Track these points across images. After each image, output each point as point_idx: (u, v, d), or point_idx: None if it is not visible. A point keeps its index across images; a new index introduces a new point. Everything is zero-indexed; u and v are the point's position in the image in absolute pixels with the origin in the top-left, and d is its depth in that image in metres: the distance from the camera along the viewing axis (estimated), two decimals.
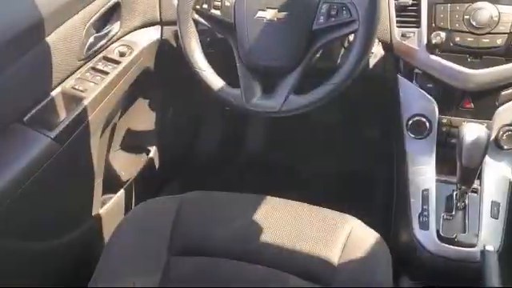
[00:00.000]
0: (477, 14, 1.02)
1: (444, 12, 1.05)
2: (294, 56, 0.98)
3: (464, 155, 0.93)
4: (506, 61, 1.03)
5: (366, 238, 0.96)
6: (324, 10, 0.95)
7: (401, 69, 1.15)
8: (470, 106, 1.09)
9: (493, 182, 1.06)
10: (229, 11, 1.00)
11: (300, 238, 0.96)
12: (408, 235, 1.04)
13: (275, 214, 1.01)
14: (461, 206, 1.02)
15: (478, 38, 1.03)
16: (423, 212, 1.03)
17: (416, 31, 1.09)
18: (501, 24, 1.01)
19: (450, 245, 1.00)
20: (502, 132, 1.07)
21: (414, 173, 1.11)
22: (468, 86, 1.06)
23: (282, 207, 1.02)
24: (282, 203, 1.04)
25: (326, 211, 1.02)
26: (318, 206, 1.03)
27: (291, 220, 0.99)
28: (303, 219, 0.99)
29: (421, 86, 1.12)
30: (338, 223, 0.98)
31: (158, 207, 1.07)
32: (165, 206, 1.05)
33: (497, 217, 1.01)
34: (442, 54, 1.06)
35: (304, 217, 1.00)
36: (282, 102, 0.98)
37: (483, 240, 0.98)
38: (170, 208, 1.03)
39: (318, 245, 0.94)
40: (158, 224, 1.01)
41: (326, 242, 0.95)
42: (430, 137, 1.12)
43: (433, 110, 1.11)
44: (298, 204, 1.03)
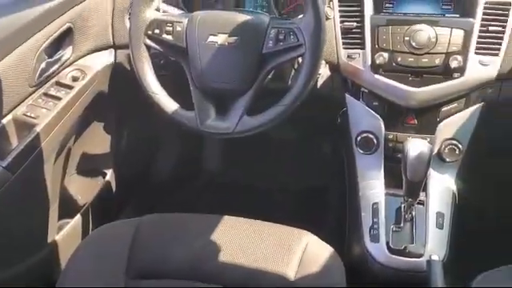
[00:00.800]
0: (416, 35, 1.08)
1: (386, 34, 1.11)
2: (245, 79, 1.01)
3: (409, 169, 0.99)
4: (444, 79, 1.09)
5: (320, 253, 1.00)
6: (272, 34, 0.98)
7: (348, 88, 1.21)
8: (413, 122, 1.15)
9: (437, 194, 1.12)
10: (180, 36, 1.02)
11: (257, 255, 0.98)
12: (360, 248, 1.08)
13: (232, 233, 1.02)
14: (408, 217, 1.07)
15: (417, 58, 1.09)
16: (373, 225, 1.08)
17: (361, 52, 1.14)
18: (438, 45, 1.08)
19: (399, 256, 1.04)
20: (444, 146, 1.14)
21: (364, 187, 1.16)
22: (410, 103, 1.12)
23: (239, 226, 1.04)
24: (239, 222, 1.06)
25: (282, 228, 1.05)
26: (274, 223, 1.06)
27: (248, 238, 1.01)
28: (260, 237, 1.02)
29: (367, 104, 1.18)
30: (294, 239, 1.01)
31: (115, 231, 1.07)
32: (122, 230, 1.05)
33: (442, 227, 1.07)
34: (385, 74, 1.12)
35: (261, 235, 1.02)
36: (236, 124, 1.00)
37: (430, 250, 1.03)
38: (127, 232, 1.03)
39: (274, 262, 0.97)
40: (115, 248, 1.01)
41: (282, 258, 0.97)
42: (378, 152, 1.17)
43: (379, 126, 1.16)
44: (255, 222, 1.06)
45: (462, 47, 1.07)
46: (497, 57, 1.08)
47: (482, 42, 1.08)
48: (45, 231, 1.22)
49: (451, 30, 1.08)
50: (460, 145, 1.13)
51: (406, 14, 1.14)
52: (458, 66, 1.07)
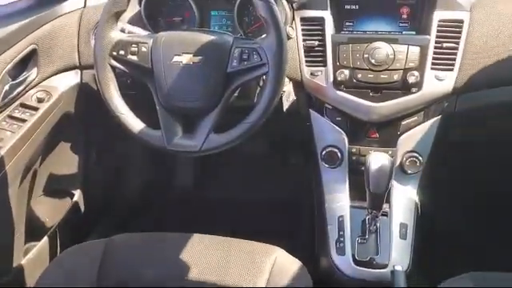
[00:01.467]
0: (375, 52, 1.12)
1: (346, 52, 1.15)
2: (211, 97, 1.02)
3: (371, 182, 1.02)
4: (403, 94, 1.14)
5: (289, 268, 1.01)
6: (236, 54, 1.01)
7: (312, 104, 1.24)
8: (375, 136, 1.19)
9: (400, 205, 1.16)
10: (146, 57, 1.04)
11: (227, 273, 0.99)
12: (327, 261, 1.10)
13: (202, 251, 1.03)
14: (373, 229, 1.10)
15: (377, 75, 1.13)
16: (339, 238, 1.10)
17: (323, 70, 1.17)
18: (396, 61, 1.12)
19: (364, 267, 1.07)
20: (405, 158, 1.18)
21: (329, 200, 1.19)
22: (372, 117, 1.16)
23: (208, 244, 1.05)
24: (208, 240, 1.07)
25: (251, 244, 1.06)
26: (243, 240, 1.07)
27: (217, 256, 1.02)
28: (229, 254, 1.03)
29: (331, 120, 1.21)
30: (264, 255, 1.02)
31: (84, 252, 1.06)
32: (90, 251, 1.05)
33: (405, 237, 1.10)
34: (347, 90, 1.16)
35: (230, 252, 1.03)
36: (203, 142, 1.02)
37: (394, 260, 1.06)
38: (95, 253, 1.03)
39: (244, 278, 0.98)
40: (83, 269, 1.00)
41: (252, 274, 0.99)
42: (343, 166, 1.20)
43: (343, 141, 1.20)
44: (224, 239, 1.07)
45: (419, 63, 1.12)
46: (452, 72, 1.13)
47: (438, 58, 1.12)
48: (10, 255, 1.20)
49: (408, 47, 1.12)
50: (420, 157, 1.17)
51: (366, 32, 1.19)
52: (415, 81, 1.11)
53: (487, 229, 1.54)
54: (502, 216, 1.55)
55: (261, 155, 1.82)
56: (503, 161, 1.49)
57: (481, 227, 1.55)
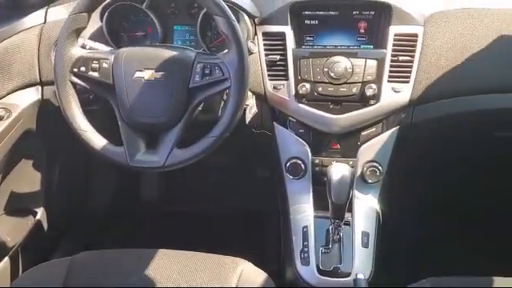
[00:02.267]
0: (334, 66, 1.16)
1: (307, 66, 1.18)
2: (174, 112, 1.03)
3: (333, 192, 1.05)
4: (362, 106, 1.17)
5: (255, 279, 1.02)
6: (199, 69, 1.02)
7: (276, 117, 1.26)
8: (337, 147, 1.22)
9: (362, 214, 1.19)
10: (107, 73, 1.04)
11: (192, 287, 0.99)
12: (292, 271, 1.12)
13: (167, 267, 1.03)
14: (336, 238, 1.12)
15: (336, 88, 1.17)
16: (304, 248, 1.12)
17: (285, 83, 1.20)
18: (355, 75, 1.16)
19: (328, 277, 1.09)
20: (365, 168, 1.21)
21: (294, 211, 1.21)
22: (333, 129, 1.20)
23: (173, 259, 1.05)
24: (173, 255, 1.07)
25: (217, 258, 1.06)
26: (209, 254, 1.08)
27: (183, 271, 1.02)
28: (195, 269, 1.03)
29: (294, 132, 1.24)
30: (229, 268, 1.03)
31: (46, 272, 1.04)
32: (53, 271, 1.03)
33: (367, 246, 1.13)
34: (308, 103, 1.19)
35: (196, 266, 1.03)
36: (166, 157, 1.02)
37: (356, 269, 1.08)
38: (58, 272, 1.01)
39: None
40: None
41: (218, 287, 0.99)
42: (306, 177, 1.23)
43: (306, 152, 1.23)
44: (190, 254, 1.07)
45: (376, 76, 1.16)
46: (408, 84, 1.17)
47: (394, 71, 1.17)
48: None
49: (365, 60, 1.16)
50: (380, 166, 1.21)
51: (326, 47, 1.22)
52: (373, 93, 1.15)
53: (446, 235, 1.59)
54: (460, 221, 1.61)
55: (228, 167, 1.83)
56: (460, 168, 1.55)
57: (440, 233, 1.60)
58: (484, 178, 1.58)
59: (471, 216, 1.63)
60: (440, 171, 1.56)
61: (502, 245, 1.50)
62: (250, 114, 1.20)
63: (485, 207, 1.64)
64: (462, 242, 1.56)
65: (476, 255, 1.38)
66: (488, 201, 1.63)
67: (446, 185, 1.60)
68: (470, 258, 1.33)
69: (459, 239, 1.57)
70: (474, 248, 1.52)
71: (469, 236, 1.59)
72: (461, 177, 1.58)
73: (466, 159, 1.50)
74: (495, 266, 0.99)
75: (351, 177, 1.06)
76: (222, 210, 1.82)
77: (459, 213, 1.62)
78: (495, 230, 1.58)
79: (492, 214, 1.62)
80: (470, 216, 1.63)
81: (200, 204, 1.83)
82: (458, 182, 1.60)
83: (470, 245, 1.55)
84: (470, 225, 1.62)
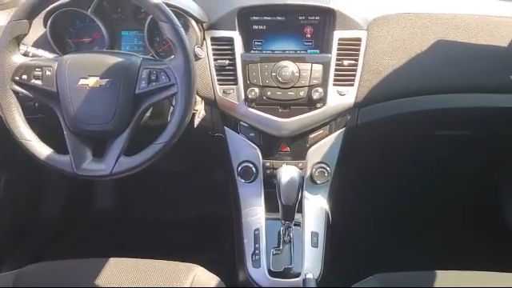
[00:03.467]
0: (281, 71, 1.18)
1: (256, 70, 1.20)
2: (120, 120, 1.02)
3: (282, 194, 1.06)
4: (309, 109, 1.20)
5: (208, 284, 1.03)
6: (145, 75, 1.01)
7: (227, 121, 1.27)
8: (286, 150, 1.25)
9: (312, 214, 1.22)
10: (50, 80, 1.02)
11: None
12: (244, 274, 1.13)
13: (119, 275, 1.02)
14: (287, 239, 1.14)
15: (285, 92, 1.19)
16: (255, 251, 1.14)
17: (234, 88, 1.21)
18: (301, 79, 1.19)
19: (279, 278, 1.10)
20: (314, 169, 1.24)
21: (246, 214, 1.23)
22: (282, 132, 1.22)
23: (125, 267, 1.04)
24: (126, 263, 1.06)
25: (170, 264, 1.06)
26: (162, 260, 1.07)
27: (135, 279, 1.01)
28: (147, 276, 1.02)
29: (245, 136, 1.25)
30: (182, 274, 1.03)
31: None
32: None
33: (317, 245, 1.16)
34: (257, 107, 1.21)
35: (148, 273, 1.03)
36: (113, 165, 1.01)
37: (306, 269, 1.10)
38: (4, 286, 0.98)
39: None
40: None
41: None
42: (258, 180, 1.25)
43: (257, 155, 1.24)
44: (142, 261, 1.06)
45: (322, 80, 1.19)
46: (352, 87, 1.21)
47: (339, 75, 1.20)
48: None
49: (312, 65, 1.19)
50: (328, 167, 1.24)
51: (274, 52, 1.24)
52: (319, 97, 1.18)
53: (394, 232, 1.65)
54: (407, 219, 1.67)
55: (183, 173, 1.82)
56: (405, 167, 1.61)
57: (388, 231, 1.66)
58: (428, 175, 1.65)
59: (417, 213, 1.69)
60: (386, 170, 1.62)
61: (447, 240, 1.57)
62: (199, 118, 1.20)
63: (430, 204, 1.71)
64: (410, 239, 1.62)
65: (422, 251, 1.43)
66: (433, 198, 1.70)
67: (392, 183, 1.65)
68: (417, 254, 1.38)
69: (407, 237, 1.63)
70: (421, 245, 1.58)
71: (415, 233, 1.65)
72: (406, 175, 1.64)
73: (410, 158, 1.56)
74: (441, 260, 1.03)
75: (300, 178, 1.08)
76: (179, 216, 1.81)
77: (406, 211, 1.68)
78: (441, 226, 1.65)
79: (437, 210, 1.69)
80: (417, 213, 1.69)
81: (156, 210, 1.81)
82: (405, 181, 1.66)
83: (418, 242, 1.61)
84: (416, 222, 1.68)
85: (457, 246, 1.52)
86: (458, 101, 1.23)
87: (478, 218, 1.72)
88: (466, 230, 1.68)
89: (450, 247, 1.45)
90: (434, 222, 1.68)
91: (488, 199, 1.74)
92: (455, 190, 1.70)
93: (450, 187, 1.67)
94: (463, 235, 1.64)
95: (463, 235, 1.64)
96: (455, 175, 1.68)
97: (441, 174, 1.66)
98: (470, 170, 1.70)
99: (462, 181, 1.70)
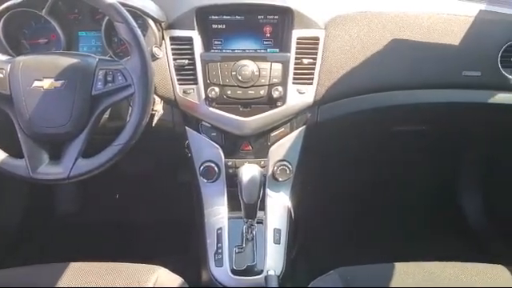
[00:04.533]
0: (241, 70, 1.18)
1: (215, 70, 1.20)
2: (77, 122, 1.00)
3: (244, 193, 1.07)
4: (270, 108, 1.21)
5: (170, 285, 1.02)
6: (101, 76, 1.00)
7: (188, 121, 1.27)
8: (248, 148, 1.25)
9: (274, 212, 1.23)
10: (3, 83, 0.99)
11: None
12: (207, 274, 1.13)
13: (80, 280, 1.00)
14: (250, 237, 1.14)
15: (245, 91, 1.19)
16: (218, 250, 1.14)
17: (195, 88, 1.21)
18: (261, 78, 1.19)
19: (241, 276, 1.11)
20: (276, 167, 1.25)
21: (208, 214, 1.22)
22: (243, 131, 1.23)
23: (87, 271, 1.03)
24: (87, 267, 1.04)
25: (132, 266, 1.05)
26: (125, 263, 1.06)
27: (96, 282, 1.00)
28: (109, 279, 1.01)
29: (207, 136, 1.25)
30: (144, 276, 1.02)
31: None
32: None
33: (279, 242, 1.17)
34: (218, 106, 1.21)
35: (110, 276, 1.01)
36: (70, 168, 0.99)
37: (269, 266, 1.11)
38: None
39: None
40: None
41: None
42: (220, 179, 1.25)
43: (219, 155, 1.24)
44: (105, 264, 1.05)
45: (282, 79, 1.20)
46: (311, 85, 1.22)
47: (298, 73, 1.21)
48: None
49: (271, 64, 1.20)
50: (290, 165, 1.25)
51: (234, 51, 1.24)
52: (279, 95, 1.19)
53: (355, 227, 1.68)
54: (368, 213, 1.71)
55: (148, 175, 1.80)
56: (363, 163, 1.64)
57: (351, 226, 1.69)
58: (388, 171, 1.69)
59: (378, 208, 1.73)
60: (347, 167, 1.65)
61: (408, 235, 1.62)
62: (158, 118, 1.19)
63: (390, 199, 1.75)
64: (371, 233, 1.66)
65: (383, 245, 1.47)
66: (393, 193, 1.74)
67: (353, 180, 1.69)
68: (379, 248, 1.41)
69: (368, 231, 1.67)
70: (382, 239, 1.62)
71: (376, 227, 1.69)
72: (367, 171, 1.68)
73: (369, 154, 1.59)
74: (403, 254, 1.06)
75: (261, 176, 1.09)
76: (144, 218, 1.79)
77: (367, 206, 1.72)
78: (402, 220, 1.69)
79: (398, 205, 1.74)
80: (377, 208, 1.73)
81: (119, 215, 1.79)
82: (365, 177, 1.70)
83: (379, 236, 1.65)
84: (376, 217, 1.72)
85: (417, 239, 1.56)
86: (412, 97, 1.26)
87: (436, 213, 1.77)
88: (425, 223, 1.73)
89: (411, 241, 1.49)
90: (395, 216, 1.72)
91: (446, 194, 1.80)
92: (414, 185, 1.75)
93: (409, 182, 1.71)
94: (422, 229, 1.68)
95: (422, 229, 1.68)
96: (413, 171, 1.73)
97: (400, 170, 1.71)
98: (427, 165, 1.75)
99: (420, 176, 1.75)
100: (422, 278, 0.96)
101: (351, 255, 1.16)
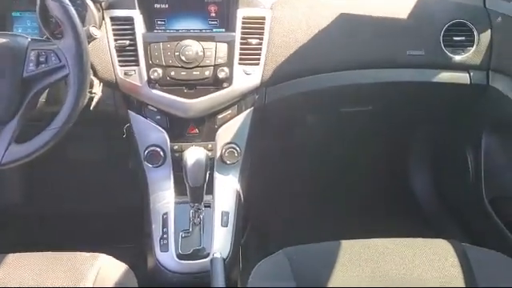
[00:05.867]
0: (185, 50, 1.15)
1: (158, 50, 1.16)
2: (8, 106, 0.95)
3: (189, 176, 1.05)
4: (216, 89, 1.18)
5: (115, 273, 0.99)
6: (33, 57, 0.95)
7: (131, 105, 1.22)
8: (195, 132, 1.22)
9: (222, 195, 1.21)
10: None
11: None
12: (152, 260, 1.11)
13: (21, 270, 0.96)
14: (197, 221, 1.13)
15: (189, 72, 1.16)
16: (163, 235, 1.11)
17: (136, 69, 1.17)
18: (206, 58, 1.17)
19: (187, 260, 1.09)
20: (224, 150, 1.23)
21: (154, 200, 1.19)
22: (189, 114, 1.19)
23: (28, 261, 0.99)
24: (28, 257, 1.00)
25: (75, 254, 1.02)
26: (68, 252, 1.02)
27: (38, 273, 0.96)
28: (51, 269, 0.97)
29: (151, 119, 1.21)
30: (87, 264, 0.99)
31: None
32: None
33: (226, 225, 1.15)
34: (162, 88, 1.17)
35: (52, 266, 0.98)
36: (3, 154, 0.94)
37: (216, 249, 1.10)
38: None
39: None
40: None
41: (74, 283, 0.94)
42: (166, 164, 1.22)
43: (164, 139, 1.21)
44: (47, 254, 1.00)
45: (228, 59, 1.17)
46: (258, 66, 1.21)
47: (244, 54, 1.19)
48: None
49: (216, 44, 1.17)
50: (238, 147, 1.23)
51: (178, 31, 1.21)
52: (225, 76, 1.16)
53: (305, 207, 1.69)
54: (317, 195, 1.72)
55: (101, 162, 1.74)
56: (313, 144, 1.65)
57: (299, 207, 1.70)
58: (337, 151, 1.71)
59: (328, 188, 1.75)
60: (296, 148, 1.65)
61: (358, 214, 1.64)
62: (98, 103, 1.15)
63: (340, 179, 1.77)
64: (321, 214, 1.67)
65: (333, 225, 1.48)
66: (343, 173, 1.76)
67: (303, 161, 1.69)
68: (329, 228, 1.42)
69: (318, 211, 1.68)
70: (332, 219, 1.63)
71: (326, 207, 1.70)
72: (316, 152, 1.68)
73: (319, 135, 1.60)
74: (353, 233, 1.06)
75: (207, 159, 1.07)
76: (94, 208, 1.74)
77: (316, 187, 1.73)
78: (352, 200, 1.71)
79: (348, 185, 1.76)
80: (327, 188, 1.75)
81: (68, 204, 1.73)
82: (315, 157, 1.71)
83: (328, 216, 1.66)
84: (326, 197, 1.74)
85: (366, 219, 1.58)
86: (358, 77, 1.27)
87: (386, 193, 1.80)
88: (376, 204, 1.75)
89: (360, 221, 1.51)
90: (345, 197, 1.74)
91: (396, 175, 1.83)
92: (364, 166, 1.77)
93: (359, 163, 1.73)
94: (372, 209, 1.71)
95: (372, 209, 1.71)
96: (363, 151, 1.75)
97: (349, 151, 1.72)
98: (377, 146, 1.78)
99: (369, 156, 1.78)
100: (366, 254, 0.97)
101: (301, 236, 1.16)
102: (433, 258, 0.97)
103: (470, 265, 0.95)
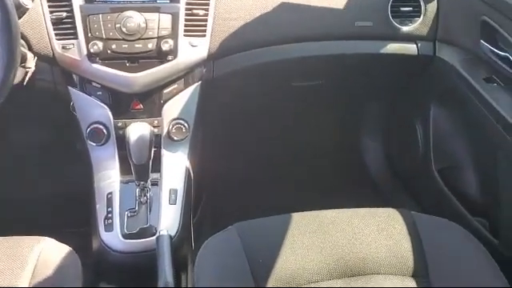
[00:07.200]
0: (126, 22, 1.10)
1: (97, 22, 1.10)
2: None
3: (133, 153, 1.01)
4: (160, 62, 1.13)
5: (57, 254, 0.95)
6: None
7: (71, 80, 1.16)
8: (139, 107, 1.17)
9: (170, 172, 1.17)
10: None
11: None
12: (97, 240, 1.06)
13: None
14: (143, 200, 1.09)
15: (131, 44, 1.11)
16: (108, 215, 1.07)
17: (75, 42, 1.11)
18: (149, 30, 1.11)
19: (133, 239, 1.05)
20: (171, 126, 1.18)
21: (98, 179, 1.14)
22: (132, 89, 1.14)
23: None
24: None
25: (15, 239, 0.97)
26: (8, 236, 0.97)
27: None
28: None
29: (92, 95, 1.15)
30: (27, 248, 0.94)
31: None
32: None
33: (175, 202, 1.12)
34: (102, 62, 1.11)
35: None
36: None
37: (163, 227, 1.06)
38: None
39: (5, 274, 0.89)
40: None
41: (14, 268, 0.90)
42: (110, 142, 1.16)
43: (107, 116, 1.15)
44: None
45: (172, 31, 1.13)
46: (204, 38, 1.16)
47: (189, 25, 1.15)
48: None
49: (159, 15, 1.12)
50: (186, 123, 1.19)
51: (119, 2, 1.14)
52: (169, 49, 1.12)
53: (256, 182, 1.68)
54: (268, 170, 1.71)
55: (46, 145, 1.66)
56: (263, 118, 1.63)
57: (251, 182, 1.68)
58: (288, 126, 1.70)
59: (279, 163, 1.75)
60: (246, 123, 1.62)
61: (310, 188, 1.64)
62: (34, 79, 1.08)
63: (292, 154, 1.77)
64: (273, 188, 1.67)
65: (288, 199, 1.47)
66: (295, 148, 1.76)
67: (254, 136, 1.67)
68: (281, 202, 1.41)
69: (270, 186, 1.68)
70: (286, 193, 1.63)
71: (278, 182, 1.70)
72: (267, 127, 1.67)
73: (270, 110, 1.58)
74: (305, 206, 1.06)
75: (151, 135, 1.03)
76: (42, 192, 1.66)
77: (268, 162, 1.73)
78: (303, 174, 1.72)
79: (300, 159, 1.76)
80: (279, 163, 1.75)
81: (14, 188, 1.64)
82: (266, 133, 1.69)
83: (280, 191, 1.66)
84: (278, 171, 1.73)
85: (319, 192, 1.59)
86: (306, 50, 1.25)
87: (340, 167, 1.82)
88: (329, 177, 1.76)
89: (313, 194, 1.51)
90: (299, 171, 1.74)
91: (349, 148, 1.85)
92: (316, 140, 1.77)
93: (311, 137, 1.73)
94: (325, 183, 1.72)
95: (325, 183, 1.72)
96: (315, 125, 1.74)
97: (301, 124, 1.72)
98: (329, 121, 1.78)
99: (322, 130, 1.78)
100: (315, 225, 0.96)
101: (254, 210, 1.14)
102: (382, 227, 0.97)
103: (417, 231, 0.96)
